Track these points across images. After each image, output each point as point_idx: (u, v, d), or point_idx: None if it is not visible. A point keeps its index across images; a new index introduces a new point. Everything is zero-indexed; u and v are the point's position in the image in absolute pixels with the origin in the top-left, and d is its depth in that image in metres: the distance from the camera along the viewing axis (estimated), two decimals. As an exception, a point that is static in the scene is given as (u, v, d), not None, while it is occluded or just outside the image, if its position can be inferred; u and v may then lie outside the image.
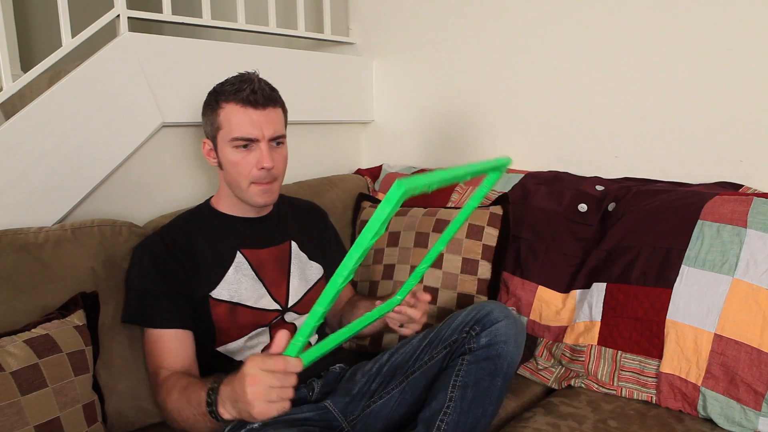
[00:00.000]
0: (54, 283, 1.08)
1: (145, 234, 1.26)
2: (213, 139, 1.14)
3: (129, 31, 1.38)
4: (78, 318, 1.02)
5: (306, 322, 0.70)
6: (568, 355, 1.30)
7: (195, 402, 0.92)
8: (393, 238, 1.50)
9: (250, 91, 1.08)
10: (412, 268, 1.45)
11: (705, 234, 1.18)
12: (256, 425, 1.04)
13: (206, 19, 1.57)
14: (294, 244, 1.26)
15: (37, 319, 1.00)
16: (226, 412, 0.84)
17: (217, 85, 1.14)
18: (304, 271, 1.25)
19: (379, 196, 1.79)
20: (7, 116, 1.37)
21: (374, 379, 1.14)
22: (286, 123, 1.17)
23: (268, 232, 1.23)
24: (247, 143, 1.10)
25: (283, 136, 1.15)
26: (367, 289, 1.51)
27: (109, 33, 1.39)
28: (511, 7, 1.65)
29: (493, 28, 1.70)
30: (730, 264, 1.13)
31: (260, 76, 1.13)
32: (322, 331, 1.31)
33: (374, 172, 1.92)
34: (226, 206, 1.20)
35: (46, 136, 1.25)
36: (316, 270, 1.28)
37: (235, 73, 1.13)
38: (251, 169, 1.11)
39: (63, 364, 0.93)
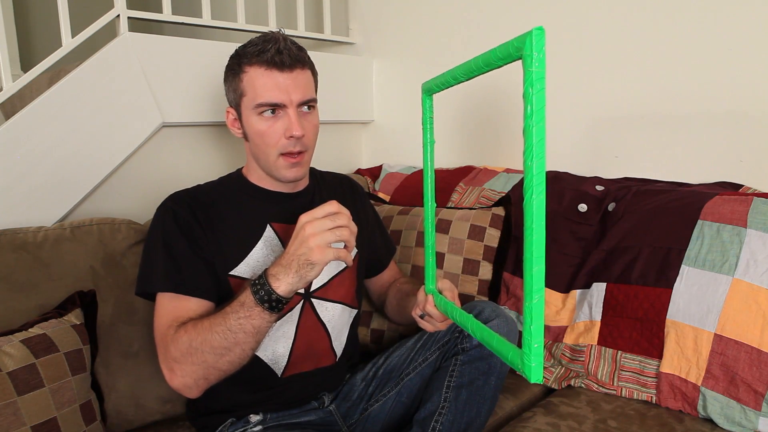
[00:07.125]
0: (53, 282, 1.08)
1: (144, 230, 1.25)
2: (237, 107, 1.04)
3: (129, 31, 1.38)
4: (75, 317, 1.02)
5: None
6: (567, 355, 1.30)
7: (228, 312, 0.86)
8: (394, 237, 1.50)
9: (275, 51, 0.97)
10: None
11: (705, 234, 1.18)
12: (258, 428, 1.04)
13: (206, 19, 1.58)
14: None
15: (35, 318, 1.00)
16: (280, 282, 0.84)
17: (240, 47, 1.03)
18: None
19: (380, 196, 1.79)
20: (7, 116, 1.38)
21: (371, 382, 1.14)
22: (316, 86, 1.06)
23: (302, 208, 1.06)
24: (274, 109, 0.99)
25: (314, 101, 1.04)
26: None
27: (109, 33, 1.39)
28: (510, 7, 1.65)
29: (492, 28, 1.69)
30: (730, 264, 1.12)
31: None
32: (354, 332, 1.20)
33: (374, 172, 1.92)
34: (256, 179, 1.10)
35: (46, 136, 1.25)
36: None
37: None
38: (279, 139, 1.00)
39: (60, 364, 0.93)
